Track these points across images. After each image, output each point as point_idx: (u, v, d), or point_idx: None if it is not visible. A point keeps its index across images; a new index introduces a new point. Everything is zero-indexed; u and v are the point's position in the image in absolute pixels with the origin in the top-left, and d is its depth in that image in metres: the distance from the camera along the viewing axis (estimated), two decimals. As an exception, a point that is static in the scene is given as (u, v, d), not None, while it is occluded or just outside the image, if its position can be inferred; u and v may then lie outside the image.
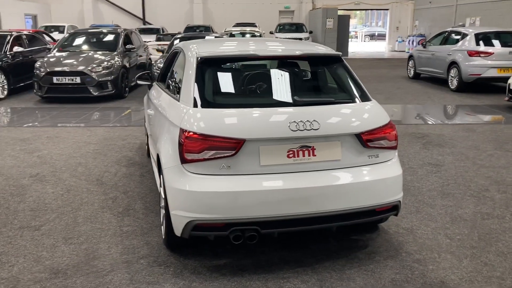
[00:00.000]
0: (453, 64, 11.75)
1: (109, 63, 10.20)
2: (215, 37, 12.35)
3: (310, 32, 24.63)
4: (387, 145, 3.37)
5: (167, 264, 3.34)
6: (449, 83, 11.89)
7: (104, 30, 12.32)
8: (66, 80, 9.78)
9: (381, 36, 40.78)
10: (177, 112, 3.37)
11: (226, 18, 26.76)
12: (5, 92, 10.60)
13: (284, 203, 3.07)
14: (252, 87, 3.52)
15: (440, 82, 12.73)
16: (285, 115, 3.14)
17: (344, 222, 3.30)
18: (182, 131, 3.11)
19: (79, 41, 11.50)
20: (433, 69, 12.92)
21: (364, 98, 3.54)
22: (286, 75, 3.56)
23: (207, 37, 11.65)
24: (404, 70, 15.27)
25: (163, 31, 23.82)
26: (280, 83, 3.53)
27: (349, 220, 3.30)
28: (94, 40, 11.64)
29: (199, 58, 3.48)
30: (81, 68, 9.87)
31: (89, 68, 9.86)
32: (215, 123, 3.10)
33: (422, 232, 3.87)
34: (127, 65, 11.00)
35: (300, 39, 23.53)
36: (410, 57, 14.50)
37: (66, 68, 9.86)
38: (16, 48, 11.20)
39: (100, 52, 10.67)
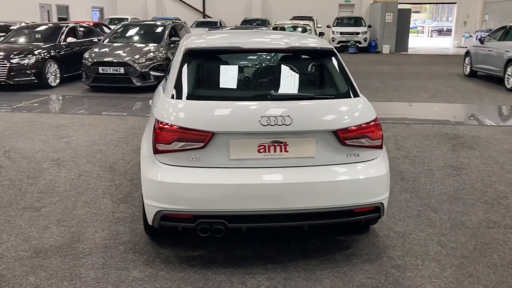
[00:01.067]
0: (511, 61, 11.00)
1: (152, 55, 10.49)
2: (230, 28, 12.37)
3: (369, 26, 23.99)
4: (369, 144, 3.23)
5: (142, 251, 3.41)
6: (505, 82, 11.14)
7: (153, 22, 12.69)
8: (110, 70, 10.19)
9: (450, 32, 38.87)
10: (159, 103, 3.41)
11: (284, 11, 26.63)
12: (57, 81, 11.21)
13: (252, 198, 3.03)
14: (234, 80, 3.49)
15: (496, 81, 11.96)
16: (256, 109, 3.09)
17: (318, 221, 3.20)
18: (157, 121, 3.15)
19: (127, 33, 11.91)
20: (489, 67, 12.15)
21: (350, 94, 3.40)
22: (270, 68, 3.49)
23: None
24: (461, 67, 14.49)
25: (220, 24, 24.16)
26: (262, 77, 3.47)
27: (323, 220, 3.20)
28: (142, 32, 12.02)
29: (185, 50, 3.51)
30: (124, 59, 10.22)
31: (133, 59, 10.20)
32: (186, 115, 3.11)
33: (414, 237, 3.68)
34: (172, 57, 11.24)
35: (357, 33, 23.01)
36: (467, 53, 13.72)
37: (111, 59, 10.26)
38: (70, 39, 11.79)
39: (145, 44, 11.00)
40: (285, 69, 3.60)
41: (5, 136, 6.58)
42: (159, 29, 11.83)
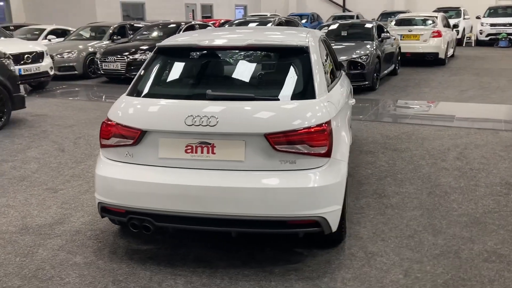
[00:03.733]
0: None
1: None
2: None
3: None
4: (307, 151, 2.93)
5: (101, 240, 3.60)
6: None
7: (259, 20, 12.90)
8: None
9: None
10: None
11: (429, 1, 24.74)
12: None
13: (175, 198, 2.99)
14: (185, 79, 3.45)
15: None
16: (182, 108, 3.03)
17: (246, 230, 3.03)
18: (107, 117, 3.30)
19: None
20: None
21: (304, 96, 3.11)
22: (227, 66, 3.37)
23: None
24: None
25: (357, 18, 23.48)
26: (217, 75, 3.37)
27: (252, 228, 3.01)
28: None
29: (155, 48, 3.58)
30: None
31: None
32: (123, 112, 3.19)
33: (381, 260, 3.23)
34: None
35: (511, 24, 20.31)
36: None
37: None
38: None
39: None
40: (240, 68, 3.44)
41: (92, 124, 7.42)
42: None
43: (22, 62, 10.05)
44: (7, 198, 4.44)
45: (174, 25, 13.47)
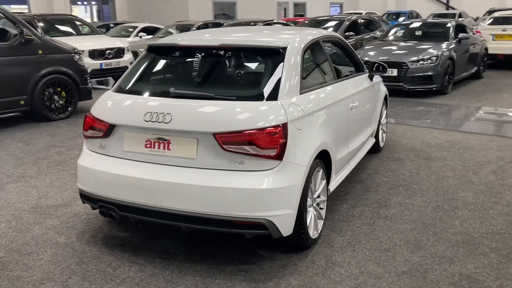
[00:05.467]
0: None
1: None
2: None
3: None
4: (256, 152, 2.91)
5: (89, 224, 3.87)
6: None
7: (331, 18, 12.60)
8: None
9: None
10: None
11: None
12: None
13: (133, 190, 3.14)
14: (159, 76, 3.58)
15: None
16: (142, 104, 3.16)
17: (195, 226, 3.07)
18: (91, 110, 3.56)
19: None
20: None
21: (263, 97, 3.09)
22: (198, 66, 3.43)
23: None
24: None
25: (460, 17, 21.98)
26: (185, 74, 3.44)
27: (200, 225, 3.05)
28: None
29: (147, 47, 3.77)
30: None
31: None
32: (99, 106, 3.42)
33: (339, 271, 3.09)
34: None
35: None
36: None
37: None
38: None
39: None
40: (210, 67, 3.48)
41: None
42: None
43: (104, 57, 10.96)
44: (36, 180, 4.94)
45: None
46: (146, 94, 3.38)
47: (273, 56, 3.33)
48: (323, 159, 3.54)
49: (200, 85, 3.47)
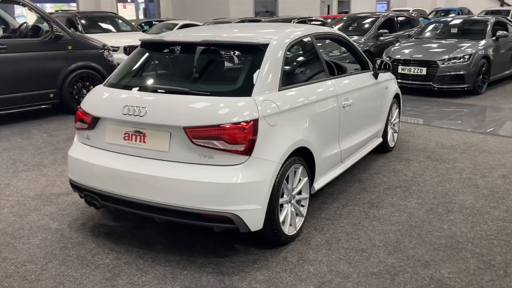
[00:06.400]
0: None
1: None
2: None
3: None
4: (224, 147, 2.95)
5: (84, 213, 4.04)
6: None
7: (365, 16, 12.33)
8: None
9: None
10: None
11: None
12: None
13: (112, 181, 3.26)
14: (143, 71, 3.67)
15: None
16: (121, 98, 3.27)
17: (166, 217, 3.15)
18: (84, 103, 3.72)
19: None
20: None
21: (238, 93, 3.12)
22: (181, 62, 3.50)
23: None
24: None
25: (506, 14, 20.91)
26: (167, 69, 3.52)
27: (171, 217, 3.12)
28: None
29: (140, 42, 3.89)
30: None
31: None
32: (87, 99, 3.56)
33: (308, 269, 3.08)
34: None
35: None
36: None
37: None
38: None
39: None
40: (191, 63, 3.53)
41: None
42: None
43: (135, 52, 11.30)
44: (49, 169, 5.19)
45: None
46: (128, 88, 3.50)
47: (253, 53, 3.35)
48: (306, 157, 3.53)
49: (179, 80, 3.55)
